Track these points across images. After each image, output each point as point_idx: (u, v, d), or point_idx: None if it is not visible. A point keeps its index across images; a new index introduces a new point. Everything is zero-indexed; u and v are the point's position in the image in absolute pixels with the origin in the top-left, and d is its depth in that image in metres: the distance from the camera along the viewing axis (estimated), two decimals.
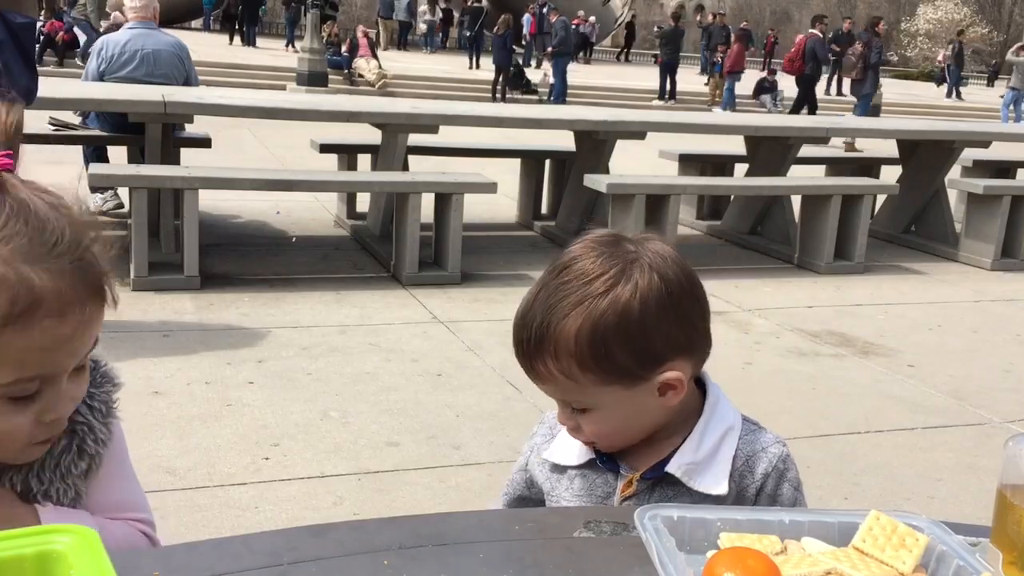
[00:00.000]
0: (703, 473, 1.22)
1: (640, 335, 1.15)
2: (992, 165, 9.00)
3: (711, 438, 1.23)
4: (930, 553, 1.00)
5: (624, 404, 1.19)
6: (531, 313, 1.19)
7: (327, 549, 1.01)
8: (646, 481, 1.24)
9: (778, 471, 1.23)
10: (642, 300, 1.15)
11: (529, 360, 1.19)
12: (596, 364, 1.15)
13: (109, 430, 1.19)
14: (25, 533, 0.77)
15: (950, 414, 4.35)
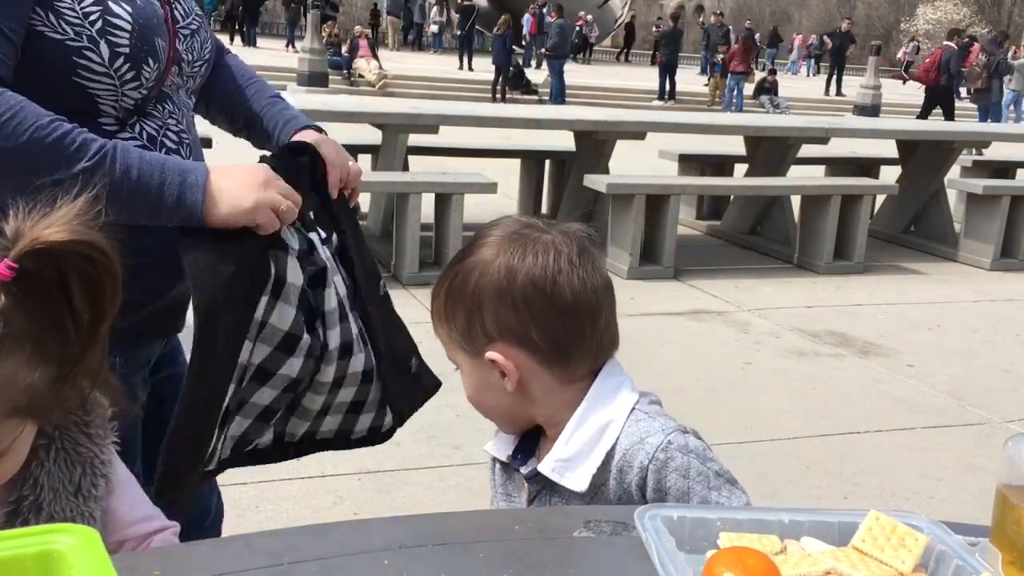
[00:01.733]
0: (573, 470, 1.19)
1: (469, 308, 1.22)
2: (992, 165, 9.00)
3: (585, 433, 1.20)
4: (930, 553, 1.00)
5: (473, 373, 1.25)
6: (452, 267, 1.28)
7: (327, 549, 1.01)
8: (536, 482, 1.24)
9: (658, 461, 1.15)
10: (483, 276, 1.21)
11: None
12: (446, 321, 1.25)
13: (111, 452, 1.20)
14: (25, 533, 0.77)
15: (950, 414, 4.35)
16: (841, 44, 26.58)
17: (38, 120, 1.21)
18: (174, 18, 1.48)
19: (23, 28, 1.29)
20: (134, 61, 1.36)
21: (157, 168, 1.28)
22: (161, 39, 1.41)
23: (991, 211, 7.32)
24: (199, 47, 1.54)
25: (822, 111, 21.04)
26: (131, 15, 1.36)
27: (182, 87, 1.52)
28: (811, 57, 36.11)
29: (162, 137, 1.45)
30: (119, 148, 1.27)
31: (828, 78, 27.88)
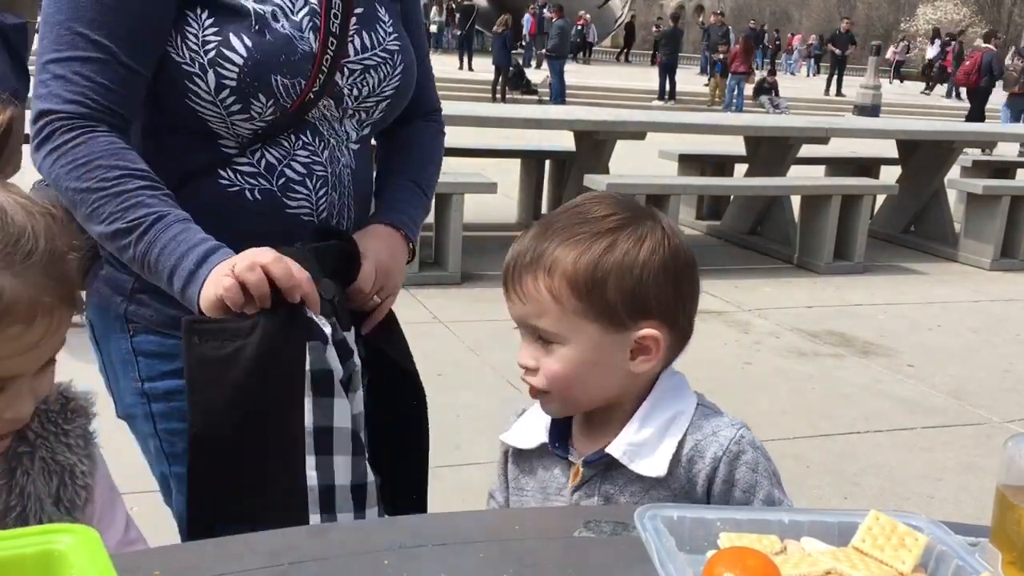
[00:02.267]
0: (646, 455, 1.18)
1: (637, 282, 1.16)
2: (992, 165, 9.01)
3: (656, 421, 1.20)
4: (930, 553, 1.01)
5: (594, 349, 1.17)
6: (534, 232, 1.21)
7: (327, 549, 1.01)
8: (593, 466, 1.21)
9: (731, 453, 1.18)
10: (650, 251, 1.17)
11: (518, 275, 1.19)
12: (588, 292, 1.15)
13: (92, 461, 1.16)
14: (25, 533, 0.77)
15: (950, 414, 4.35)
16: (844, 50, 26.65)
17: (108, 172, 1.26)
18: (341, 52, 1.41)
19: (153, 61, 1.33)
20: (240, 95, 1.34)
21: (178, 254, 1.27)
22: (285, 76, 1.35)
23: (991, 211, 7.32)
24: (376, 83, 1.48)
25: (822, 111, 21.04)
26: (248, 49, 1.33)
27: (343, 119, 1.47)
28: (811, 57, 36.18)
29: (284, 167, 1.42)
30: (159, 224, 1.27)
31: (828, 78, 27.90)
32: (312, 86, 1.38)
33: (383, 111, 1.52)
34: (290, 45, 1.36)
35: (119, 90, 1.30)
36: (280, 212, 1.41)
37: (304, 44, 1.38)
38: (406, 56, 1.52)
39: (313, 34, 1.39)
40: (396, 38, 1.51)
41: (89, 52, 1.28)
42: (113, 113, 1.31)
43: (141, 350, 1.45)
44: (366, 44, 1.46)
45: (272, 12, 1.37)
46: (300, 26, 1.38)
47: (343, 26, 1.42)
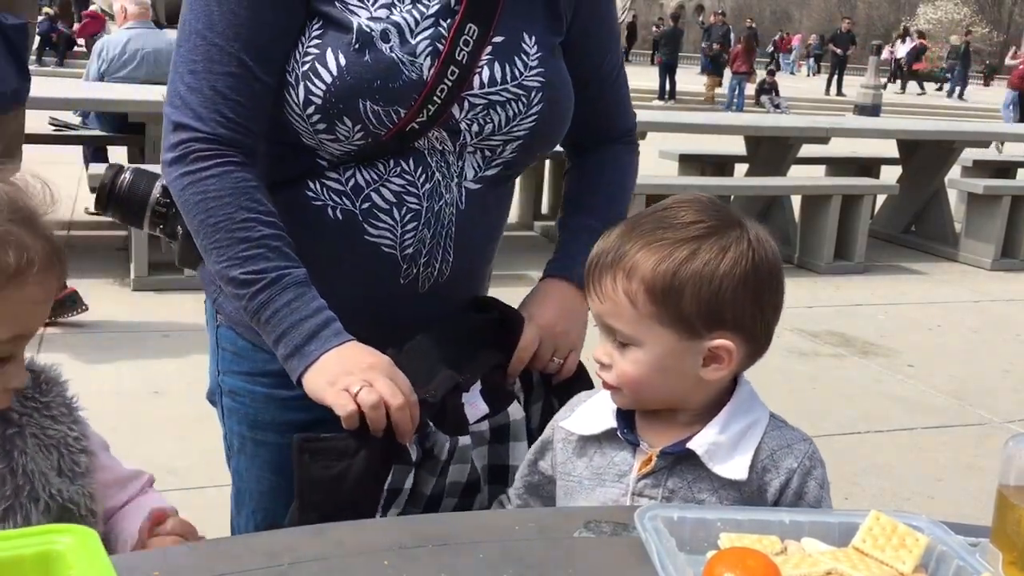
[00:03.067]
0: (725, 457, 1.19)
1: (715, 293, 1.16)
2: (992, 165, 9.00)
3: (737, 425, 1.21)
4: (930, 553, 1.00)
5: (667, 355, 1.18)
6: (619, 231, 1.20)
7: (327, 549, 1.01)
8: (666, 458, 1.21)
9: (804, 467, 1.21)
10: (732, 263, 1.16)
11: (599, 273, 1.19)
12: (663, 299, 1.15)
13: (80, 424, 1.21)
14: (25, 533, 0.77)
15: (950, 414, 4.35)
16: (845, 50, 26.72)
17: (235, 213, 1.25)
18: (463, 83, 1.31)
19: (281, 72, 1.29)
20: (325, 115, 1.27)
21: (289, 323, 1.26)
22: (377, 103, 1.27)
23: (992, 211, 7.32)
24: (502, 121, 1.35)
25: (822, 111, 21.04)
26: (340, 68, 1.26)
27: (460, 154, 1.36)
28: (810, 57, 36.21)
29: (372, 190, 1.33)
30: (276, 285, 1.26)
31: (829, 78, 27.90)
32: (415, 116, 1.29)
33: (516, 151, 1.39)
34: (391, 70, 1.27)
35: (251, 105, 1.28)
36: (358, 238, 1.34)
37: (412, 71, 1.28)
38: (550, 93, 1.37)
39: (430, 60, 1.29)
40: (540, 73, 1.36)
41: (226, 66, 1.26)
42: (247, 132, 1.28)
43: (221, 342, 1.46)
44: (496, 77, 1.33)
45: (383, 31, 1.27)
46: (415, 50, 1.28)
47: (473, 55, 1.31)
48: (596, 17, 1.46)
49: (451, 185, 1.36)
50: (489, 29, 1.32)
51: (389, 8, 1.29)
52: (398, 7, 1.29)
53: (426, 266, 1.38)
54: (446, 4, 1.31)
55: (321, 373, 1.24)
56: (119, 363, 4.14)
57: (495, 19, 1.33)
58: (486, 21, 1.32)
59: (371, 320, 1.35)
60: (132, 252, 5.22)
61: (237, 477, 1.57)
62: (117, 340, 4.41)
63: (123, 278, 5.29)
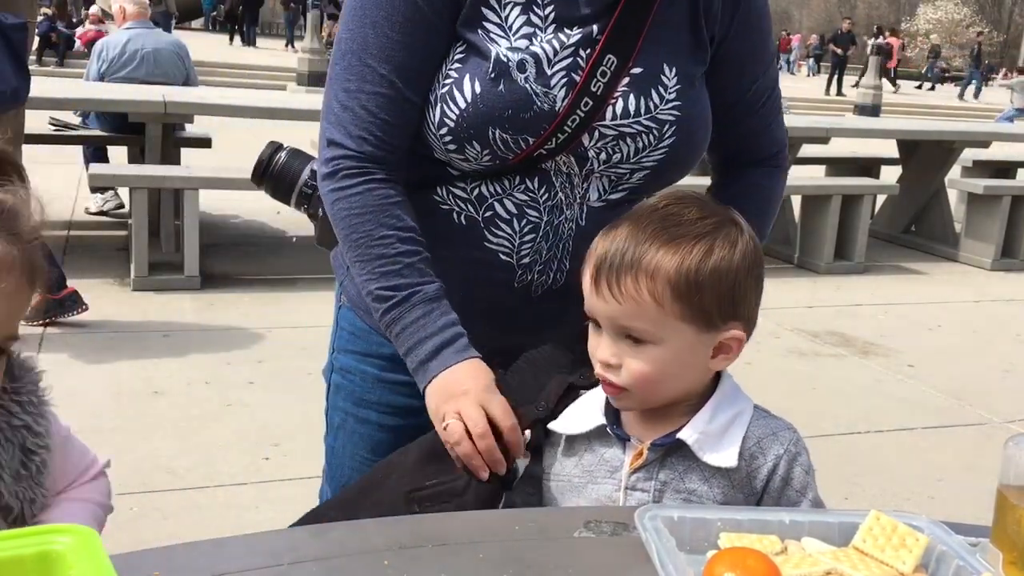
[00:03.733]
0: (714, 446, 1.21)
1: (732, 285, 1.20)
2: (992, 165, 9.00)
3: (724, 415, 1.24)
4: (930, 553, 1.01)
5: (684, 349, 1.20)
6: (626, 232, 1.20)
7: (327, 549, 1.01)
8: (656, 450, 1.22)
9: (790, 453, 1.24)
10: (742, 255, 1.20)
11: (616, 275, 1.18)
12: (688, 297, 1.17)
13: (46, 419, 1.19)
14: (25, 533, 0.77)
15: (950, 414, 4.35)
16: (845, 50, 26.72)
17: (375, 230, 1.32)
18: (595, 114, 1.32)
19: (428, 91, 1.33)
20: (456, 137, 1.32)
21: (416, 339, 1.31)
22: (507, 132, 1.30)
23: (992, 211, 7.32)
24: (631, 152, 1.35)
25: (822, 111, 21.03)
26: (474, 96, 1.30)
27: (586, 178, 1.38)
28: (810, 57, 36.23)
29: (495, 200, 1.37)
30: (407, 303, 1.31)
31: (829, 78, 27.89)
32: (543, 144, 1.32)
33: (643, 179, 1.40)
34: (523, 101, 1.30)
35: (400, 124, 1.33)
36: (479, 244, 1.39)
37: (545, 102, 1.30)
38: (685, 125, 1.37)
39: (565, 91, 1.31)
40: (676, 107, 1.36)
41: (376, 87, 1.31)
42: (393, 149, 1.34)
43: (341, 322, 1.55)
44: (629, 109, 1.33)
45: (520, 61, 1.30)
46: (550, 82, 1.30)
47: (609, 86, 1.32)
48: (748, 43, 1.44)
49: (574, 204, 1.39)
50: (628, 60, 1.33)
51: (529, 39, 1.31)
52: (539, 36, 1.31)
53: (540, 274, 1.41)
54: (588, 33, 1.32)
55: (433, 394, 1.30)
56: (119, 363, 4.14)
57: (636, 50, 1.33)
58: (626, 52, 1.33)
59: (487, 320, 1.40)
60: (132, 252, 5.22)
61: (331, 453, 1.64)
62: (117, 340, 4.41)
63: (123, 278, 5.28)
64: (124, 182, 5.59)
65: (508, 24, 1.31)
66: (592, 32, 1.31)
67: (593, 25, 1.31)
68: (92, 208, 6.83)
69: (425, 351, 1.31)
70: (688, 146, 1.40)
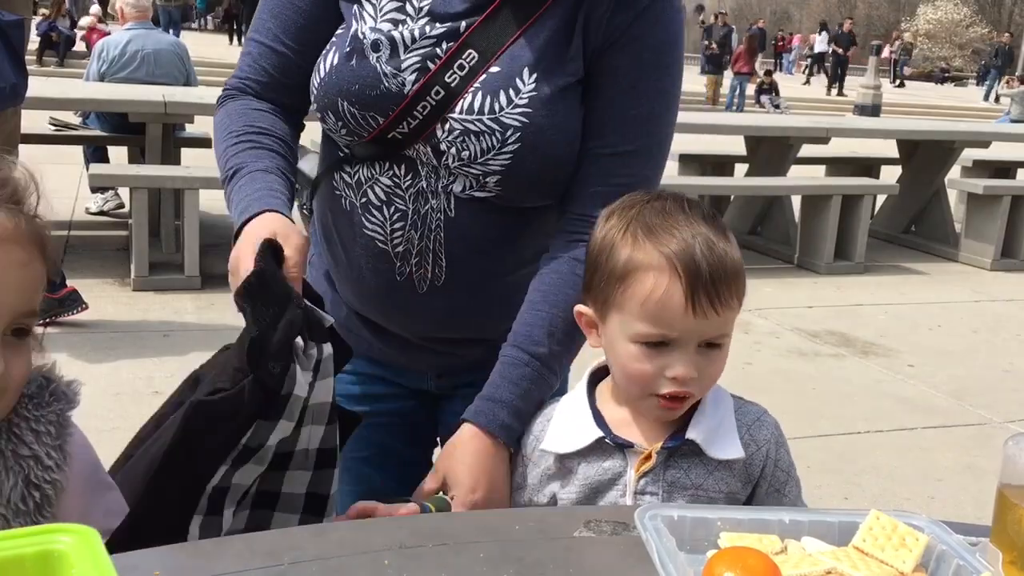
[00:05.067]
0: (719, 441, 1.22)
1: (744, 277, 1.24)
2: (992, 165, 9.00)
3: (718, 409, 1.25)
4: (930, 553, 1.01)
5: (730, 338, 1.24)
6: (704, 237, 1.18)
7: (327, 549, 1.01)
8: (662, 452, 1.22)
9: (774, 437, 1.27)
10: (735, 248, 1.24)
11: (721, 290, 1.16)
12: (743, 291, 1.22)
13: (63, 452, 1.10)
14: (26, 533, 0.77)
15: (950, 414, 4.35)
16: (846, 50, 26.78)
17: (226, 129, 1.42)
18: (446, 104, 1.33)
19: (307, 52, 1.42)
20: (319, 106, 1.40)
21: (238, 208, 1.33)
22: (353, 106, 1.35)
23: (991, 211, 7.32)
24: (477, 151, 1.33)
25: (822, 111, 21.03)
26: (331, 67, 1.37)
27: (451, 174, 1.37)
28: (808, 58, 36.26)
29: (368, 187, 1.41)
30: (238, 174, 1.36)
31: (830, 79, 27.89)
32: (395, 126, 1.35)
33: (499, 185, 1.36)
34: (370, 79, 1.34)
35: (277, 75, 1.44)
36: (360, 231, 1.43)
37: (393, 83, 1.34)
38: (532, 135, 1.32)
39: (416, 76, 1.33)
40: (524, 113, 1.32)
41: (263, 38, 1.45)
42: (264, 87, 1.45)
43: None
44: (475, 106, 1.33)
45: (375, 41, 1.35)
46: (401, 64, 1.34)
47: (465, 79, 1.33)
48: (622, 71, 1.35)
49: (438, 191, 1.38)
50: (489, 59, 1.34)
51: (394, 23, 1.36)
52: (407, 24, 1.36)
53: (418, 267, 1.41)
54: (455, 28, 1.35)
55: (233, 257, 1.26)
56: (119, 363, 4.14)
57: (500, 51, 1.34)
58: (489, 51, 1.34)
59: (384, 310, 1.48)
60: (132, 252, 5.22)
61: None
62: (117, 340, 4.41)
63: (123, 278, 5.28)
64: (124, 182, 5.60)
65: (380, 6, 1.37)
66: (460, 28, 1.35)
67: (463, 21, 1.35)
68: (92, 208, 6.83)
69: (237, 211, 1.32)
70: (536, 157, 1.33)
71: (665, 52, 1.37)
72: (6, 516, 1.06)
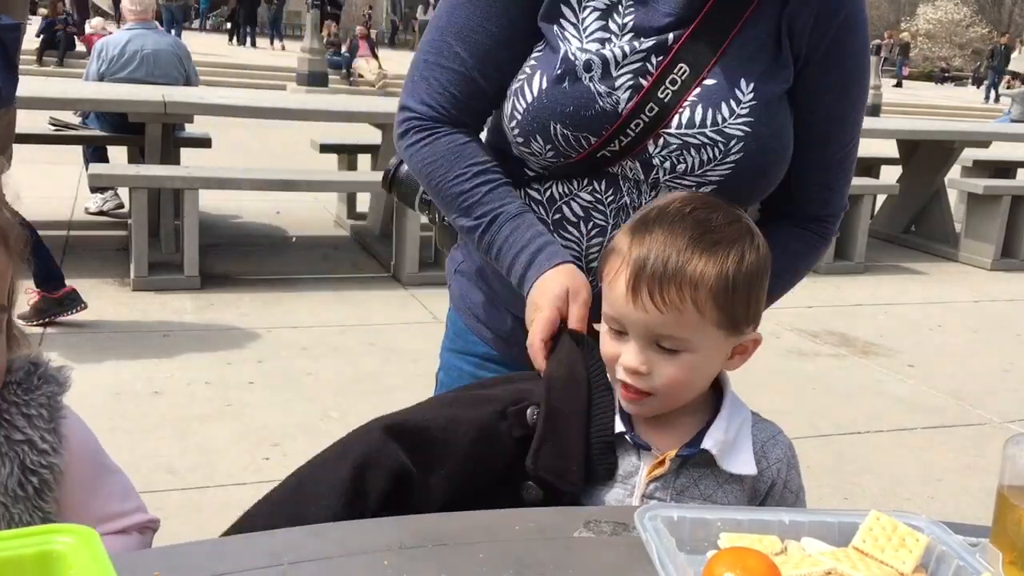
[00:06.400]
0: (733, 454, 1.23)
1: (759, 289, 1.23)
2: (992, 165, 9.00)
3: (735, 422, 1.26)
4: (930, 553, 1.00)
5: (711, 353, 1.22)
6: (667, 239, 1.18)
7: (327, 549, 1.01)
8: (676, 460, 1.23)
9: (787, 457, 1.29)
10: (764, 258, 1.23)
11: (659, 284, 1.16)
12: (725, 304, 1.18)
13: (57, 435, 1.10)
14: (25, 533, 0.77)
15: (950, 414, 4.35)
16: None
17: (454, 170, 1.40)
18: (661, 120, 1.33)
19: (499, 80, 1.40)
20: (523, 131, 1.36)
21: (512, 254, 1.36)
22: (567, 128, 1.33)
23: (991, 211, 7.32)
24: (695, 164, 1.34)
25: None
26: (540, 91, 1.34)
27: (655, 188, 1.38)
28: None
29: (563, 203, 1.41)
30: (496, 222, 1.37)
31: None
32: (606, 144, 1.34)
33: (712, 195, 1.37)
34: (585, 100, 1.33)
35: (465, 100, 1.41)
36: None
37: (608, 102, 1.33)
38: (754, 143, 1.34)
39: (630, 94, 1.33)
40: (747, 123, 1.33)
41: (450, 63, 1.40)
42: (458, 121, 1.42)
43: (448, 322, 1.63)
44: (695, 120, 1.33)
45: (587, 62, 1.33)
46: (614, 83, 1.33)
47: (678, 94, 1.33)
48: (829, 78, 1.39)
49: (641, 205, 1.37)
50: (702, 71, 1.33)
51: (602, 43, 1.34)
52: (613, 41, 1.34)
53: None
54: (663, 42, 1.34)
55: (529, 304, 1.34)
56: (119, 363, 4.14)
57: (712, 63, 1.34)
58: (701, 63, 1.33)
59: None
60: (131, 252, 5.22)
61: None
62: (117, 340, 4.41)
63: (123, 278, 5.28)
64: (124, 182, 5.59)
65: (583, 26, 1.35)
66: (667, 40, 1.33)
67: (670, 34, 1.33)
68: (92, 208, 6.83)
69: (521, 264, 1.35)
70: (756, 165, 1.36)
71: (864, 54, 1.42)
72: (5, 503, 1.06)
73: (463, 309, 1.56)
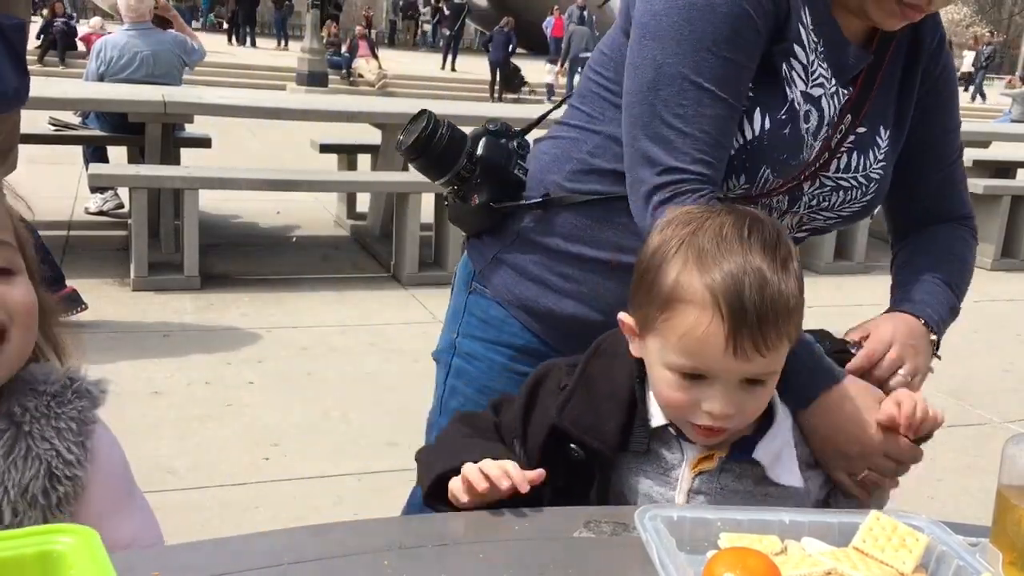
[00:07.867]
0: (779, 464, 1.21)
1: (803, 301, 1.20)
2: (992, 165, 8.99)
3: (782, 432, 1.23)
4: (930, 553, 1.01)
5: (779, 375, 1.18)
6: (761, 282, 1.10)
7: (327, 549, 1.01)
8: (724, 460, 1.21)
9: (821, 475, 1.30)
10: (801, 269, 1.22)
11: (763, 331, 1.10)
12: (797, 327, 1.18)
13: (84, 449, 1.09)
14: (26, 533, 0.77)
15: (950, 414, 4.33)
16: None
17: None
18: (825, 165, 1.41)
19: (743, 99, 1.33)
20: (731, 165, 1.34)
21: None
22: (773, 172, 1.36)
23: (992, 211, 7.31)
24: (838, 202, 1.46)
25: None
26: (763, 131, 1.33)
27: (784, 214, 1.46)
28: None
29: None
30: None
31: None
32: (785, 185, 1.39)
33: (828, 223, 1.52)
34: (795, 147, 1.35)
35: (728, 143, 1.33)
36: None
37: (807, 152, 1.37)
38: (882, 185, 1.48)
39: (820, 144, 1.39)
40: (883, 166, 1.46)
41: (715, 109, 1.29)
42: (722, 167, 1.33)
43: (470, 308, 1.59)
44: (850, 165, 1.43)
45: (807, 112, 1.35)
46: (818, 134, 1.38)
47: (840, 141, 1.41)
48: (940, 96, 1.50)
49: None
50: (857, 119, 1.41)
51: (821, 87, 1.37)
52: (826, 87, 1.37)
53: None
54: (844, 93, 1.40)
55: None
56: (119, 363, 4.14)
57: (864, 111, 1.41)
58: (857, 111, 1.41)
59: None
60: (132, 252, 5.21)
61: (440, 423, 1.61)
62: (117, 340, 4.41)
63: (123, 278, 5.28)
64: (124, 182, 5.59)
65: (812, 69, 1.36)
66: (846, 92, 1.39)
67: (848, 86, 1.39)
68: (92, 208, 6.83)
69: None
70: (877, 201, 1.50)
71: (954, 69, 1.54)
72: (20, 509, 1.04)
73: (511, 298, 1.52)
